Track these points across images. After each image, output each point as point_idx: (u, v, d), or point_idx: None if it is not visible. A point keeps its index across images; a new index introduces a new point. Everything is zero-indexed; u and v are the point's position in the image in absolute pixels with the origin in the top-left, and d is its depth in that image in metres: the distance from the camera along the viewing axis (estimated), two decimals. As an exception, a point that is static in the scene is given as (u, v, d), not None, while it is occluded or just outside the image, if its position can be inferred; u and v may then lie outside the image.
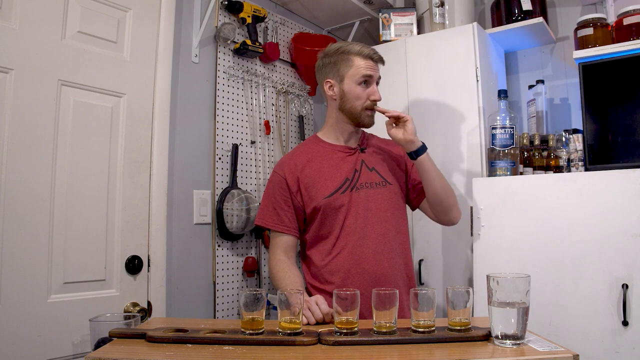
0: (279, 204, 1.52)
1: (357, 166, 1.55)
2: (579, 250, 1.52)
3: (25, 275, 1.44)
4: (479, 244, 1.71)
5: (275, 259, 1.51)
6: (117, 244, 1.67)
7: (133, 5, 1.77)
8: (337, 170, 1.53)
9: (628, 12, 1.84)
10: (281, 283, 1.44)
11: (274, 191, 1.54)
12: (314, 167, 1.54)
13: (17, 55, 1.46)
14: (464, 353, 0.97)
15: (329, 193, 1.50)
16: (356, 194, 1.51)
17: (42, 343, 1.45)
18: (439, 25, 2.29)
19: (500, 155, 1.79)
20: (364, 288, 1.38)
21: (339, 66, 1.55)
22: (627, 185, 1.48)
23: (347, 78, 1.53)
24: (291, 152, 1.66)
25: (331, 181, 1.51)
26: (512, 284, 1.00)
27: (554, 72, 2.35)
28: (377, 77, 1.57)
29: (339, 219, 1.50)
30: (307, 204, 1.51)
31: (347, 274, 1.47)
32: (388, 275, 1.49)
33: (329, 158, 1.56)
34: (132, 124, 1.75)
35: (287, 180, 1.52)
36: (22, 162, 1.46)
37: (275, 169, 1.58)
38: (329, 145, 1.59)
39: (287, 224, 1.51)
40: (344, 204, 1.50)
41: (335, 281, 1.48)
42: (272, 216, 1.52)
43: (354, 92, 1.52)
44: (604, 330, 1.45)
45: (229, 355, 0.96)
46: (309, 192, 1.51)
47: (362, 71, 1.52)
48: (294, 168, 1.54)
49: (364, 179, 1.54)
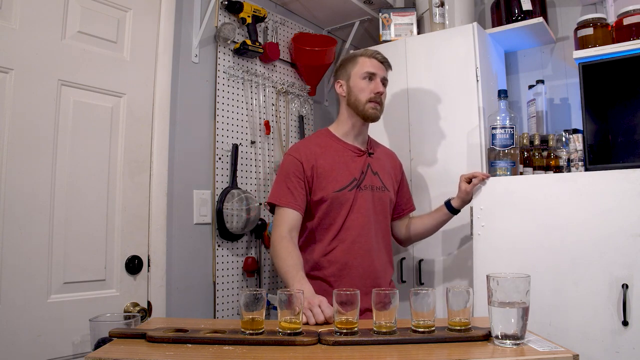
0: (294, 184, 1.60)
1: (364, 168, 1.69)
2: (579, 250, 1.52)
3: (25, 275, 1.44)
4: (479, 244, 1.71)
5: (280, 235, 1.54)
6: (117, 244, 1.67)
7: (133, 5, 1.77)
8: (347, 168, 1.66)
9: (628, 12, 1.84)
10: (283, 263, 1.48)
11: (289, 173, 1.61)
12: (327, 159, 1.65)
13: (17, 55, 1.46)
14: (464, 353, 0.97)
15: (338, 188, 1.62)
16: (360, 194, 1.65)
17: (42, 343, 1.45)
18: (439, 25, 2.29)
19: (500, 155, 1.79)
20: (358, 281, 1.58)
21: (347, 67, 1.73)
22: (627, 185, 1.48)
23: (353, 75, 1.70)
24: (305, 140, 1.79)
25: (341, 177, 1.64)
26: (512, 284, 1.00)
27: (554, 72, 2.35)
28: (382, 76, 1.71)
29: (342, 213, 1.62)
30: (315, 192, 1.61)
31: (344, 266, 1.60)
32: (379, 272, 1.65)
33: (340, 154, 1.68)
34: (132, 124, 1.75)
35: (304, 164, 1.62)
36: (22, 162, 1.46)
37: (290, 152, 1.67)
38: (341, 142, 1.71)
39: (299, 203, 1.59)
40: (349, 200, 1.63)
41: (332, 271, 1.60)
42: (286, 194, 1.59)
43: (358, 85, 1.68)
44: (604, 330, 1.45)
45: (229, 355, 0.96)
46: (320, 181, 1.62)
47: (365, 67, 1.68)
48: (310, 155, 1.64)
49: (368, 181, 1.69)
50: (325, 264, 1.61)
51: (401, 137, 2.22)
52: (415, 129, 2.18)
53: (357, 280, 1.58)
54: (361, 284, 1.53)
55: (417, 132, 2.18)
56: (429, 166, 2.14)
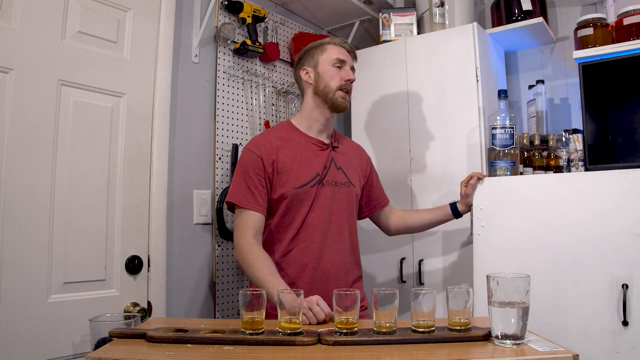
0: (254, 183, 1.50)
1: (327, 163, 1.60)
2: (579, 250, 1.52)
3: (25, 275, 1.44)
4: (479, 244, 1.71)
5: (247, 242, 1.45)
6: (117, 244, 1.67)
7: (133, 5, 1.77)
8: (310, 163, 1.57)
9: (628, 12, 1.84)
10: (260, 272, 1.40)
11: (248, 170, 1.51)
12: (288, 154, 1.55)
13: (17, 55, 1.46)
14: (464, 353, 0.97)
15: (299, 184, 1.53)
16: (322, 190, 1.56)
17: (42, 343, 1.45)
18: (439, 25, 2.29)
19: (500, 155, 1.79)
20: (317, 283, 1.51)
21: (313, 54, 1.63)
22: (627, 185, 1.48)
23: (321, 62, 1.61)
24: (265, 133, 1.68)
25: (303, 172, 1.54)
26: (512, 284, 1.00)
27: (554, 72, 2.35)
28: (351, 65, 1.64)
29: (302, 211, 1.53)
30: (276, 189, 1.52)
31: (303, 267, 1.52)
32: (340, 272, 1.56)
33: (303, 149, 1.58)
34: (132, 124, 1.75)
35: (264, 160, 1.51)
36: (22, 162, 1.46)
37: (249, 147, 1.56)
38: (303, 135, 1.61)
39: (261, 204, 1.50)
40: (310, 197, 1.54)
41: (290, 273, 1.52)
42: (247, 195, 1.49)
43: (328, 72, 1.59)
44: (604, 330, 1.45)
45: (229, 355, 0.96)
46: (280, 177, 1.52)
47: (334, 55, 1.60)
48: (270, 150, 1.53)
49: (331, 176, 1.59)
50: (283, 266, 1.52)
51: (401, 137, 2.22)
52: (415, 129, 2.18)
53: (317, 283, 1.50)
54: (321, 286, 1.48)
55: (417, 132, 2.18)
56: (429, 166, 2.14)
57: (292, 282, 1.50)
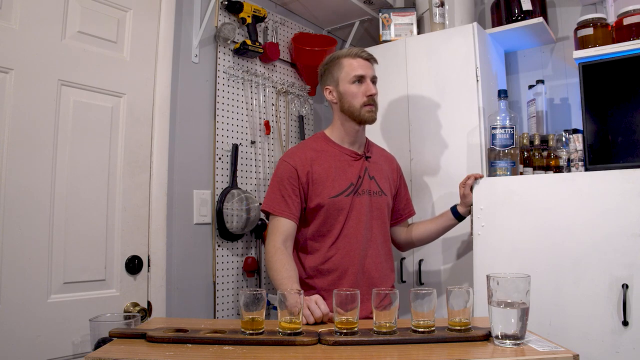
0: (288, 192, 1.56)
1: (361, 173, 1.65)
2: (579, 250, 1.52)
3: (25, 275, 1.44)
4: (479, 244, 1.71)
5: (274, 246, 1.51)
6: (117, 244, 1.67)
7: (133, 5, 1.77)
8: (344, 173, 1.62)
9: (628, 12, 1.84)
10: (278, 275, 1.45)
11: (283, 180, 1.58)
12: (323, 165, 1.61)
13: (17, 55, 1.46)
14: (464, 353, 0.97)
15: (335, 194, 1.58)
16: (358, 199, 1.61)
17: (42, 343, 1.45)
18: (439, 25, 2.29)
19: (500, 155, 1.79)
20: (361, 287, 1.49)
21: (332, 72, 1.66)
22: (627, 185, 1.48)
23: (341, 80, 1.63)
24: (300, 145, 1.74)
25: (338, 182, 1.60)
26: (512, 284, 1.00)
27: (554, 72, 2.35)
28: (372, 75, 1.65)
29: (340, 220, 1.58)
30: (311, 198, 1.58)
31: (342, 274, 1.56)
32: (376, 278, 1.61)
33: (337, 159, 1.64)
34: (132, 124, 1.75)
35: (298, 171, 1.58)
36: (22, 162, 1.46)
37: (284, 159, 1.63)
38: (337, 146, 1.67)
39: (294, 212, 1.56)
40: (346, 206, 1.59)
41: (329, 280, 1.56)
42: (280, 203, 1.56)
43: (349, 91, 1.62)
44: (604, 330, 1.45)
45: (229, 355, 0.96)
46: (315, 187, 1.58)
47: (352, 71, 1.62)
48: (305, 161, 1.60)
49: (366, 186, 1.65)
50: (322, 273, 1.57)
51: (401, 138, 2.22)
52: (415, 129, 2.18)
53: (361, 287, 1.49)
54: (364, 291, 1.47)
55: (417, 132, 2.18)
56: (429, 166, 2.14)
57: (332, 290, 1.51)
